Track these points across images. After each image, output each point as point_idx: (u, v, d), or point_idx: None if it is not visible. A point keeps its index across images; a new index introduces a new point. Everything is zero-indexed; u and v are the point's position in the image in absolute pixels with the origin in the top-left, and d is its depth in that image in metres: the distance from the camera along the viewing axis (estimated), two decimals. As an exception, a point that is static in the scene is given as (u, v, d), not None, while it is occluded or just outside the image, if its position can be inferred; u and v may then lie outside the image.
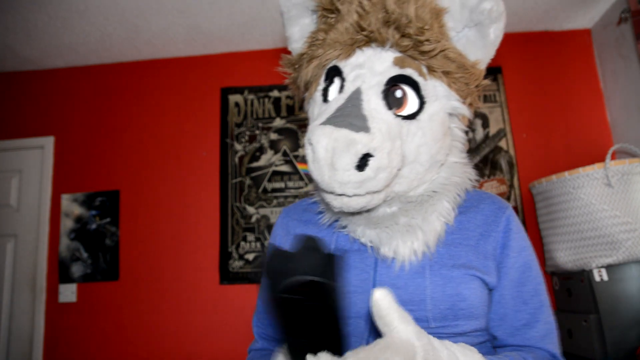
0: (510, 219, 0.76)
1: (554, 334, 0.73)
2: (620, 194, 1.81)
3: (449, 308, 0.67)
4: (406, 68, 0.68)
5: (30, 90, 2.61)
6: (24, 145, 2.54)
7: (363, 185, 0.62)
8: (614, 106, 2.38)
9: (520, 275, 0.73)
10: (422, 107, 0.68)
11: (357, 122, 0.61)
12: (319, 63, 0.73)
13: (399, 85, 0.68)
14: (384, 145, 0.61)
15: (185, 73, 2.59)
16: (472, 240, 0.73)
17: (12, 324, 2.37)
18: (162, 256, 2.37)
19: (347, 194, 0.63)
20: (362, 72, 0.68)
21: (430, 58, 0.68)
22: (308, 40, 0.75)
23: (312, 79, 0.75)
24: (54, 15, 2.11)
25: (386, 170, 0.62)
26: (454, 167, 0.76)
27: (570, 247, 1.90)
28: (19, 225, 2.47)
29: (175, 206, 2.42)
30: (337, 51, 0.70)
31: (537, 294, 0.73)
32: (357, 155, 0.59)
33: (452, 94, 0.71)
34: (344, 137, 0.59)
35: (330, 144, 0.59)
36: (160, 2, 2.08)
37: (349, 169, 0.60)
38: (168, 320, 2.30)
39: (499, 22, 0.71)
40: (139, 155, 2.50)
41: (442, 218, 0.72)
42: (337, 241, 0.77)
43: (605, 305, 1.77)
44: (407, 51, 0.68)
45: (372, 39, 0.68)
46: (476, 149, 2.41)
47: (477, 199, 0.80)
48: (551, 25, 2.49)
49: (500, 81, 2.47)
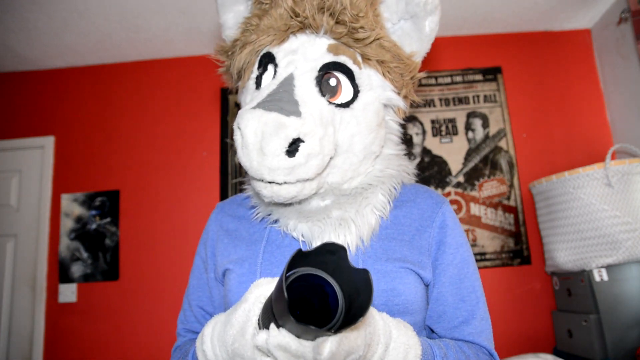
0: (446, 215, 0.74)
1: (489, 330, 0.73)
2: (620, 194, 1.81)
3: (383, 304, 0.66)
4: (340, 55, 0.67)
5: (30, 90, 2.61)
6: (24, 145, 2.54)
7: (293, 172, 0.60)
8: (614, 106, 2.38)
9: (459, 271, 0.72)
10: (357, 96, 0.67)
11: (288, 107, 0.59)
12: (252, 49, 0.71)
13: (332, 73, 0.67)
14: (316, 130, 0.60)
15: (185, 73, 2.58)
16: (407, 235, 0.72)
17: (12, 324, 2.37)
18: (162, 256, 2.37)
19: (276, 181, 0.61)
20: (296, 57, 0.67)
21: (364, 46, 0.68)
22: (241, 26, 0.74)
23: (245, 65, 0.73)
24: (54, 15, 2.11)
25: (318, 157, 0.60)
26: (390, 159, 0.75)
27: (570, 247, 1.90)
28: (19, 225, 2.46)
29: (175, 206, 2.42)
30: (270, 37, 0.68)
31: (474, 290, 0.72)
32: (287, 139, 0.58)
33: (386, 84, 0.70)
34: (273, 120, 0.57)
35: (260, 128, 0.57)
36: (160, 2, 2.07)
37: (279, 154, 0.58)
38: (168, 320, 2.30)
39: (434, 15, 0.70)
40: (139, 155, 2.50)
41: (376, 212, 0.71)
42: (268, 236, 0.75)
43: (605, 305, 1.77)
44: (342, 38, 0.67)
45: (306, 25, 0.67)
46: (476, 149, 2.41)
47: (413, 192, 0.78)
48: (551, 25, 2.49)
49: (500, 81, 2.47)
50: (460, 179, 2.38)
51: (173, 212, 2.41)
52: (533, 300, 2.23)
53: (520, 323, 2.20)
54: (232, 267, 0.75)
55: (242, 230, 0.79)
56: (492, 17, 2.36)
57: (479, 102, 2.45)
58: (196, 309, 0.82)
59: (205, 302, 0.82)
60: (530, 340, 2.18)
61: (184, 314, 0.84)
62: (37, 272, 2.38)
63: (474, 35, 2.52)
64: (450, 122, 2.44)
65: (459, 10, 2.26)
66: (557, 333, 2.08)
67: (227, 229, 0.81)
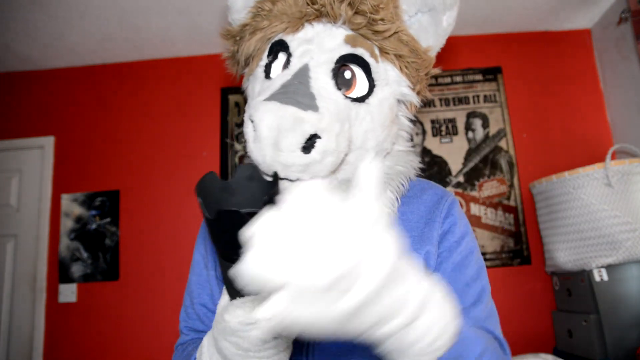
0: (451, 206, 0.72)
1: (496, 317, 0.69)
2: (620, 194, 1.81)
3: None
4: (358, 47, 0.64)
5: (30, 90, 2.61)
6: (24, 145, 2.54)
7: (308, 169, 0.57)
8: (614, 106, 2.38)
9: (462, 259, 0.69)
10: (372, 91, 0.64)
11: (304, 100, 0.56)
12: (263, 36, 0.67)
13: (348, 65, 0.64)
14: (333, 126, 0.57)
15: (185, 73, 2.58)
16: (415, 230, 0.70)
17: (12, 324, 2.37)
18: (162, 256, 2.37)
19: (290, 177, 0.58)
20: (311, 47, 0.63)
21: (383, 39, 0.64)
22: (252, 11, 0.69)
23: (254, 53, 0.68)
24: (54, 15, 2.11)
25: (333, 154, 0.57)
26: (399, 156, 0.73)
27: (570, 247, 1.90)
28: (19, 225, 2.46)
29: (175, 206, 2.42)
30: (284, 24, 0.64)
31: (478, 278, 0.69)
32: (305, 135, 0.54)
33: (403, 80, 0.67)
34: (290, 114, 0.54)
35: (275, 122, 0.54)
36: (160, 2, 2.07)
37: (295, 150, 0.55)
38: (168, 320, 2.30)
39: (453, 10, 0.69)
40: (139, 155, 2.50)
41: (385, 208, 0.68)
42: None
43: (605, 305, 1.77)
44: (360, 30, 0.64)
45: (323, 13, 0.63)
46: (476, 149, 2.41)
47: (420, 189, 0.76)
48: (551, 25, 2.49)
49: (500, 81, 2.47)
50: (460, 179, 2.38)
51: (173, 212, 2.41)
52: (533, 300, 2.23)
53: (520, 323, 2.20)
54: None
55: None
56: (492, 17, 2.36)
57: (479, 102, 2.45)
58: (198, 306, 0.81)
59: (207, 299, 0.80)
60: (530, 340, 2.18)
61: (186, 311, 0.83)
62: (37, 272, 2.38)
63: (474, 35, 2.52)
64: (450, 122, 2.44)
65: (459, 10, 2.26)
66: (557, 333, 2.08)
67: None
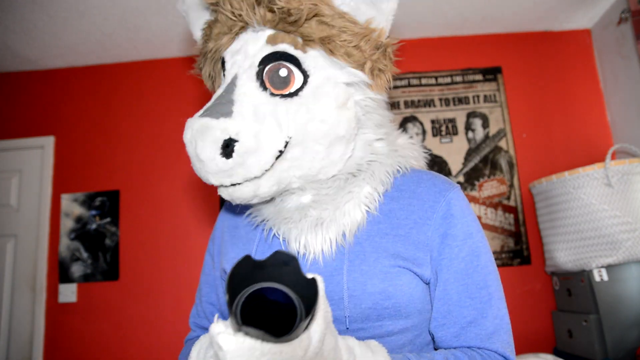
0: (451, 203, 0.67)
1: (503, 330, 0.64)
2: (620, 194, 1.81)
3: (370, 307, 0.62)
4: (278, 44, 0.64)
5: (30, 90, 2.61)
6: (24, 145, 2.54)
7: (235, 173, 0.58)
8: (614, 106, 2.38)
9: (466, 265, 0.65)
10: (306, 82, 0.64)
11: (222, 109, 0.59)
12: (211, 57, 0.72)
13: (282, 63, 0.64)
14: (249, 127, 0.58)
15: (185, 73, 2.58)
16: (402, 229, 0.66)
17: (12, 324, 2.37)
18: (162, 256, 2.37)
19: (224, 184, 0.60)
20: (238, 57, 0.66)
21: (300, 27, 0.63)
22: (202, 37, 0.74)
23: (214, 74, 0.74)
24: (54, 15, 2.11)
25: (256, 154, 0.58)
26: (374, 145, 0.69)
27: (570, 247, 1.90)
28: (19, 225, 2.46)
29: (175, 206, 2.42)
30: (221, 41, 0.69)
31: (485, 285, 0.65)
32: (217, 142, 0.56)
33: (337, 62, 0.64)
34: (200, 125, 0.57)
35: (190, 135, 0.59)
36: (160, 2, 2.07)
37: (214, 158, 0.57)
38: (168, 320, 2.30)
39: None
40: (139, 155, 2.50)
41: (363, 206, 0.66)
42: (261, 236, 0.74)
43: (605, 305, 1.77)
44: (278, 26, 0.64)
45: (246, 22, 0.66)
46: (476, 149, 2.41)
47: (415, 181, 0.71)
48: (551, 25, 2.49)
49: (500, 81, 2.47)
50: (460, 179, 2.38)
51: (173, 212, 2.41)
52: (533, 300, 2.23)
53: (520, 323, 2.20)
54: (227, 267, 0.75)
55: (241, 229, 0.79)
56: (492, 17, 2.36)
57: (479, 102, 2.45)
58: (206, 304, 0.83)
59: (214, 298, 0.83)
60: (530, 340, 2.18)
61: (196, 308, 0.85)
62: (37, 272, 2.38)
63: (474, 35, 2.52)
64: (450, 122, 2.44)
65: (459, 10, 2.26)
66: (557, 333, 2.08)
67: (230, 227, 0.82)
